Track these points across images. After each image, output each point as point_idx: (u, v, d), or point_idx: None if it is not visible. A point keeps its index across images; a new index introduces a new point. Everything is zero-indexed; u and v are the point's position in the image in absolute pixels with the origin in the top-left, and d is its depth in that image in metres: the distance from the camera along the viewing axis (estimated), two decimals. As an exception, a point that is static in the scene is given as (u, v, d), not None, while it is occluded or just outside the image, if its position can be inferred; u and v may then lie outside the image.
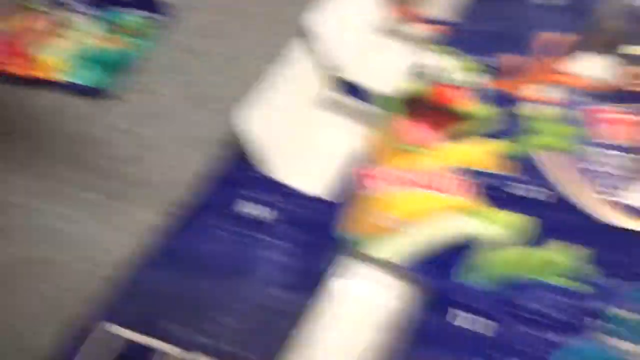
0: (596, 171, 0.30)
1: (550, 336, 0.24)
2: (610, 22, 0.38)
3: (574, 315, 0.25)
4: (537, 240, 0.27)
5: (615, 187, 0.29)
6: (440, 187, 0.29)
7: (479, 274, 0.26)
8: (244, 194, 0.28)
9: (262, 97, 0.28)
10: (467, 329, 0.24)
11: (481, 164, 0.30)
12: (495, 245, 0.27)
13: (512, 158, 0.30)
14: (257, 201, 0.28)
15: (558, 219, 0.28)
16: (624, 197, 0.29)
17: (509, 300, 0.25)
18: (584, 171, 0.30)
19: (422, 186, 0.29)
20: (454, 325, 0.24)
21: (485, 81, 0.34)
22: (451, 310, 0.25)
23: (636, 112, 0.33)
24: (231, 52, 0.37)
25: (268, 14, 0.40)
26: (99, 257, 0.27)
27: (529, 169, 0.30)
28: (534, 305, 0.25)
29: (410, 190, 0.29)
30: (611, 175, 0.30)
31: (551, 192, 0.29)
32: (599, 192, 0.29)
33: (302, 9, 0.39)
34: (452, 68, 0.34)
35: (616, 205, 0.29)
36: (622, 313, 0.25)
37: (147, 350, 0.23)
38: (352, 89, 0.33)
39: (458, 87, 0.33)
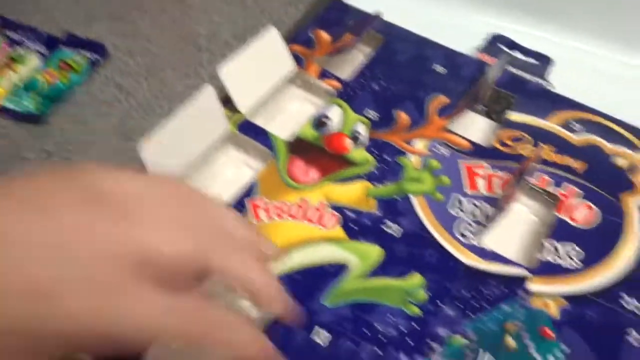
0: (459, 218, 0.35)
1: (397, 356, 0.28)
2: (494, 90, 0.44)
3: (417, 338, 0.29)
4: (391, 269, 0.32)
5: (473, 233, 0.34)
6: (316, 220, 0.34)
7: (337, 297, 0.30)
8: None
9: (169, 130, 0.33)
10: (323, 346, 0.28)
11: (355, 202, 0.35)
12: (353, 272, 0.31)
13: (386, 199, 0.35)
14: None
15: (417, 253, 0.33)
16: (478, 241, 0.34)
17: (362, 322, 0.29)
18: (449, 216, 0.35)
19: (301, 218, 0.34)
20: (314, 342, 0.28)
21: (376, 133, 0.39)
22: (311, 328, 0.29)
23: (503, 169, 0.38)
24: (154, 92, 0.42)
25: (189, 59, 0.45)
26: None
27: (399, 210, 0.35)
28: (383, 328, 0.29)
29: (291, 221, 0.33)
30: (472, 222, 0.35)
31: (415, 230, 0.34)
32: (459, 236, 0.34)
33: (221, 58, 0.44)
34: (346, 119, 0.39)
35: (471, 247, 0.34)
36: (459, 339, 0.29)
37: None
38: (254, 130, 0.38)
39: (348, 137, 0.38)
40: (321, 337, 0.29)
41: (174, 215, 0.22)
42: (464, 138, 0.40)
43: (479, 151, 0.39)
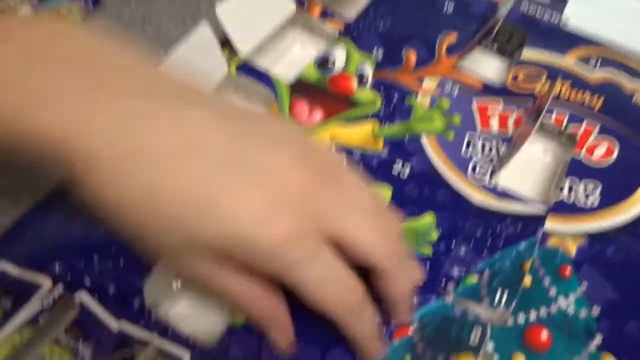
0: (471, 157, 0.34)
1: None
2: (507, 27, 0.42)
3: (430, 278, 0.28)
4: (401, 209, 0.30)
5: (486, 172, 0.33)
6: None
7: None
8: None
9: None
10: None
11: (362, 143, 0.33)
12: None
13: (394, 139, 0.34)
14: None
15: (427, 193, 0.31)
16: (492, 181, 0.32)
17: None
18: (461, 155, 0.34)
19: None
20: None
21: (383, 73, 0.37)
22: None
23: (517, 107, 0.36)
24: (150, 39, 0.40)
25: (185, 6, 0.43)
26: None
27: (408, 149, 0.33)
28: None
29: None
30: (485, 161, 0.33)
31: (424, 170, 0.32)
32: (471, 176, 0.33)
33: (219, 2, 0.42)
34: (351, 60, 0.38)
35: (484, 187, 0.32)
36: (473, 278, 0.28)
37: (34, 286, 0.26)
38: (255, 73, 0.36)
39: (353, 77, 0.37)
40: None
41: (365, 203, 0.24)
42: (475, 77, 0.38)
43: (491, 90, 0.37)
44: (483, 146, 0.34)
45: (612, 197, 0.32)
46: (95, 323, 0.25)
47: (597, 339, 0.26)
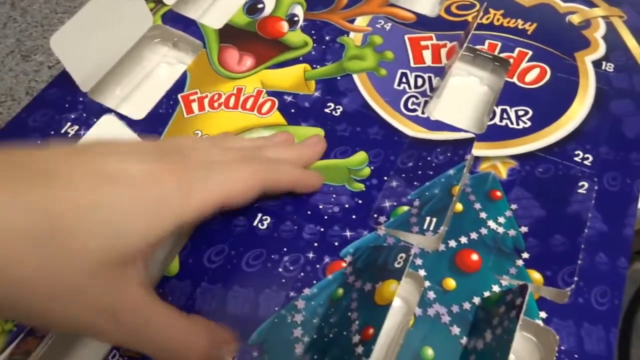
0: (404, 92, 0.33)
1: (341, 233, 0.27)
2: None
3: (361, 213, 0.28)
4: (334, 149, 0.30)
5: (418, 105, 0.33)
6: (252, 108, 0.32)
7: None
8: (71, 117, 0.30)
9: (82, 22, 0.30)
10: (264, 230, 0.27)
11: (294, 86, 0.33)
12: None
13: (326, 80, 0.33)
14: (81, 123, 0.30)
15: (360, 132, 0.31)
16: (426, 113, 0.32)
17: (304, 203, 0.28)
18: (394, 91, 0.33)
19: (236, 107, 0.32)
20: (258, 228, 0.27)
21: (314, 14, 0.36)
22: (258, 215, 0.28)
23: (450, 39, 0.36)
24: (52, 6, 0.39)
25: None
26: None
27: (340, 89, 0.33)
28: (326, 207, 0.28)
29: (226, 111, 0.32)
30: (418, 94, 0.33)
31: (357, 109, 0.32)
32: (404, 110, 0.32)
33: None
34: (281, 2, 0.37)
35: (418, 120, 0.32)
36: (403, 209, 0.28)
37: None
38: (182, 22, 0.35)
39: (283, 20, 0.36)
40: (263, 223, 0.28)
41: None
42: (408, 10, 0.37)
43: (424, 22, 0.37)
44: (416, 80, 0.34)
45: (544, 119, 0.32)
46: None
47: (525, 256, 0.27)
